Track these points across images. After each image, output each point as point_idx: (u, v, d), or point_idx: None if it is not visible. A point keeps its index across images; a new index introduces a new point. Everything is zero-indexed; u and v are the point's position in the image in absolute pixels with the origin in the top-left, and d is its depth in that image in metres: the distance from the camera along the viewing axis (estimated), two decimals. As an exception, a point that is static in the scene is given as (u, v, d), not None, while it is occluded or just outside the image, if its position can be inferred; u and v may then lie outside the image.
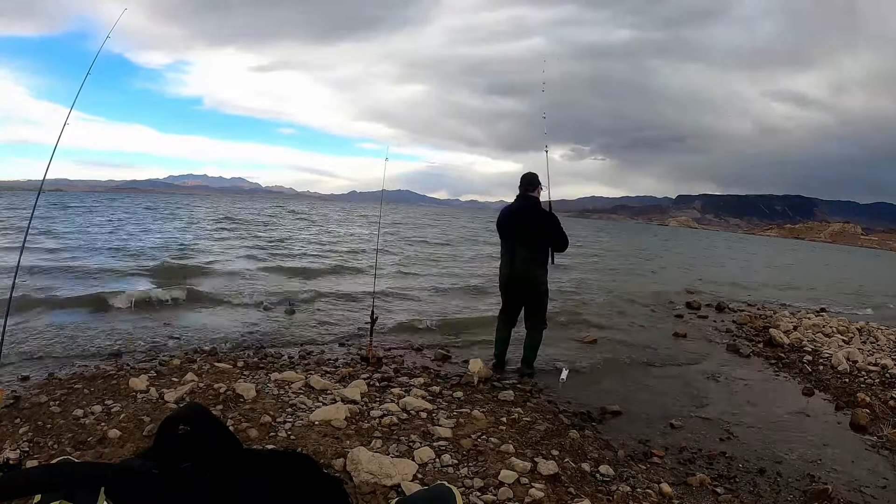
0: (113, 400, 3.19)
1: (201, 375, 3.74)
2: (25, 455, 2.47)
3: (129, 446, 2.57)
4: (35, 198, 3.52)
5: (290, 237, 18.33)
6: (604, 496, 2.53)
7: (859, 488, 2.96)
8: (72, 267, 8.83)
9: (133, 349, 4.55)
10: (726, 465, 3.10)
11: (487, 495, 2.38)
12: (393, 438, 2.88)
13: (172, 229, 18.91)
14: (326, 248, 15.61)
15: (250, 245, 14.72)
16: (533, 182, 4.42)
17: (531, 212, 4.38)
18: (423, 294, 8.63)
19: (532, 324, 4.52)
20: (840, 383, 5.02)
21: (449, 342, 5.54)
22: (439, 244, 19.91)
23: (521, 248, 4.34)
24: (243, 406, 3.18)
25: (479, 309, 7.45)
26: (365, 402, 3.41)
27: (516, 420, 3.37)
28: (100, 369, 3.89)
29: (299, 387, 3.60)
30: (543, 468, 2.63)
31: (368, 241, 17.49)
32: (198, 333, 5.25)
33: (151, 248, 12.56)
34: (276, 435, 2.83)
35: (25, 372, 3.76)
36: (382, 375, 4.09)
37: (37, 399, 3.15)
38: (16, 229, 14.75)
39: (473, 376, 4.10)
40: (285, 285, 8.57)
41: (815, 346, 6.43)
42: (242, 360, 4.27)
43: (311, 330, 5.72)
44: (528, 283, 4.38)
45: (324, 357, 4.68)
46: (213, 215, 30.11)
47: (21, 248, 3.49)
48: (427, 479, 2.45)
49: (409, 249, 16.70)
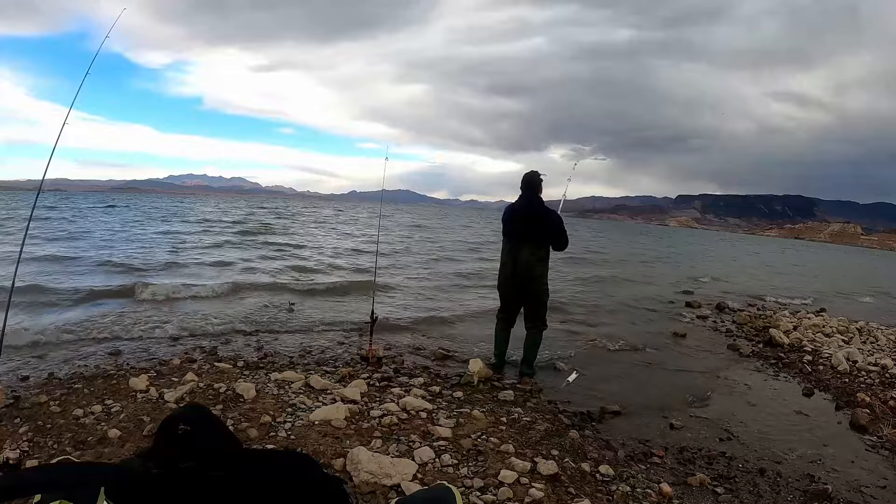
0: (113, 400, 3.19)
1: (201, 375, 3.74)
2: (25, 455, 2.47)
3: (129, 446, 2.57)
4: (35, 198, 3.52)
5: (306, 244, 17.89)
6: (604, 496, 2.53)
7: (859, 488, 2.96)
8: (76, 264, 8.84)
9: (133, 349, 4.55)
10: (726, 465, 3.10)
11: (487, 495, 2.38)
12: (393, 438, 2.88)
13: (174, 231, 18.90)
14: (335, 248, 15.58)
15: (254, 246, 14.72)
16: (535, 181, 4.45)
17: (536, 211, 4.41)
18: (424, 294, 8.64)
19: (532, 323, 4.52)
20: (840, 383, 5.02)
21: (449, 342, 5.54)
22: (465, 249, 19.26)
23: (526, 246, 4.36)
24: (243, 406, 3.18)
25: (479, 308, 7.46)
26: (365, 401, 3.41)
27: (516, 420, 3.37)
28: (100, 369, 3.89)
29: (299, 386, 3.60)
30: (543, 468, 2.63)
31: (388, 244, 17.16)
32: (198, 333, 5.25)
33: (155, 246, 12.57)
34: (276, 435, 2.83)
35: (25, 372, 3.76)
36: (382, 375, 4.09)
37: (37, 399, 3.15)
38: (17, 230, 14.74)
39: (473, 376, 4.10)
40: (285, 284, 8.57)
41: (815, 346, 6.43)
42: (242, 360, 4.28)
43: (311, 329, 5.72)
44: (530, 281, 4.39)
45: (324, 357, 4.67)
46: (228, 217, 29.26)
47: (21, 248, 3.49)
48: (427, 479, 2.45)
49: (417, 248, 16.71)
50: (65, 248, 11.53)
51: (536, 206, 4.42)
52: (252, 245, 14.77)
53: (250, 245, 14.75)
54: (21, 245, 3.50)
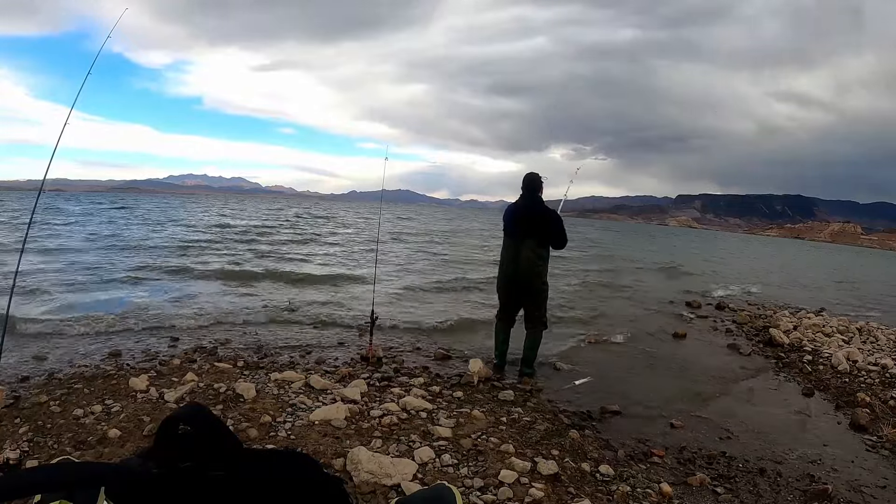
0: (113, 400, 3.20)
1: (201, 375, 3.75)
2: (25, 455, 2.48)
3: (129, 446, 2.57)
4: (35, 198, 3.52)
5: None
6: (604, 496, 2.53)
7: (859, 488, 2.96)
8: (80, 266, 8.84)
9: (133, 349, 4.55)
10: (726, 465, 3.10)
11: (487, 495, 2.38)
12: (393, 438, 2.88)
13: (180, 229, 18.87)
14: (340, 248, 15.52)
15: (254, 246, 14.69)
16: (536, 182, 4.49)
17: (538, 210, 4.44)
18: (424, 293, 8.63)
19: (532, 323, 4.52)
20: (840, 383, 5.02)
21: (449, 342, 5.54)
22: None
23: (527, 244, 4.38)
24: (243, 406, 3.18)
25: (479, 308, 7.46)
26: (365, 401, 3.41)
27: (516, 420, 3.37)
28: (100, 369, 3.89)
29: (299, 386, 3.60)
30: (543, 468, 2.63)
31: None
32: (198, 333, 5.25)
33: (157, 246, 12.58)
34: (276, 435, 2.83)
35: (25, 372, 3.76)
36: (382, 375, 4.09)
37: (37, 399, 3.15)
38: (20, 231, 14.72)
39: (473, 376, 4.11)
40: (286, 285, 8.57)
41: (814, 345, 6.42)
42: (242, 360, 4.28)
43: (311, 329, 5.72)
44: (530, 280, 4.40)
45: (324, 357, 4.67)
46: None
47: (21, 248, 3.49)
48: (427, 478, 2.45)
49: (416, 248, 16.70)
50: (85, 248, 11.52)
51: (537, 205, 4.47)
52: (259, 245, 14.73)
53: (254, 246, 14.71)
54: (22, 245, 3.50)
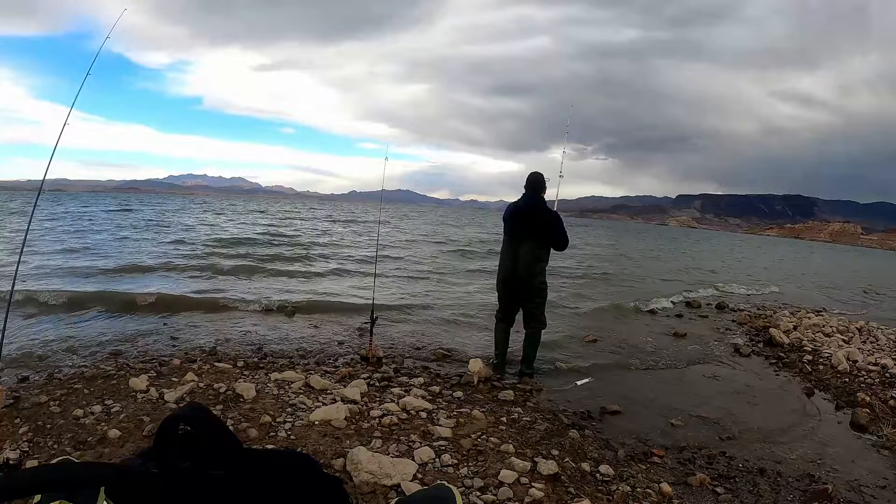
0: (113, 400, 3.19)
1: (201, 375, 3.74)
2: (25, 455, 2.47)
3: (129, 446, 2.57)
4: (35, 198, 3.52)
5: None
6: (604, 496, 2.53)
7: (859, 488, 2.96)
8: (78, 268, 8.84)
9: (133, 349, 4.55)
10: (726, 465, 3.10)
11: (487, 495, 2.38)
12: (393, 438, 2.88)
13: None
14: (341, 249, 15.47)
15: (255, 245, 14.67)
16: (540, 182, 4.51)
17: (539, 210, 4.44)
18: (424, 293, 8.63)
19: (531, 323, 4.52)
20: (840, 383, 5.02)
21: (449, 342, 5.54)
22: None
23: (527, 244, 4.38)
24: (243, 406, 3.19)
25: (480, 308, 7.45)
26: (365, 401, 3.41)
27: (516, 420, 3.37)
28: (100, 369, 3.88)
29: (299, 387, 3.60)
30: (543, 468, 2.63)
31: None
32: (198, 333, 5.25)
33: (158, 246, 12.58)
34: (276, 435, 2.83)
35: (25, 372, 3.76)
36: (382, 375, 4.09)
37: (37, 399, 3.15)
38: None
39: (473, 376, 4.11)
40: (286, 285, 8.57)
41: (815, 345, 6.42)
42: (242, 360, 4.27)
43: (310, 330, 5.72)
44: (529, 279, 4.40)
45: (323, 357, 4.67)
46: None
47: (21, 248, 3.49)
48: (427, 478, 2.45)
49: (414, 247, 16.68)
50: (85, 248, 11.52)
51: (539, 205, 4.46)
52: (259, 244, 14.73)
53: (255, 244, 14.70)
54: (21, 245, 3.50)
